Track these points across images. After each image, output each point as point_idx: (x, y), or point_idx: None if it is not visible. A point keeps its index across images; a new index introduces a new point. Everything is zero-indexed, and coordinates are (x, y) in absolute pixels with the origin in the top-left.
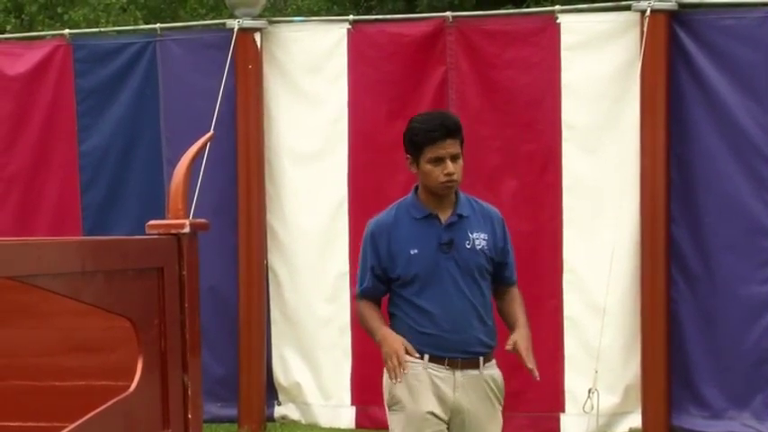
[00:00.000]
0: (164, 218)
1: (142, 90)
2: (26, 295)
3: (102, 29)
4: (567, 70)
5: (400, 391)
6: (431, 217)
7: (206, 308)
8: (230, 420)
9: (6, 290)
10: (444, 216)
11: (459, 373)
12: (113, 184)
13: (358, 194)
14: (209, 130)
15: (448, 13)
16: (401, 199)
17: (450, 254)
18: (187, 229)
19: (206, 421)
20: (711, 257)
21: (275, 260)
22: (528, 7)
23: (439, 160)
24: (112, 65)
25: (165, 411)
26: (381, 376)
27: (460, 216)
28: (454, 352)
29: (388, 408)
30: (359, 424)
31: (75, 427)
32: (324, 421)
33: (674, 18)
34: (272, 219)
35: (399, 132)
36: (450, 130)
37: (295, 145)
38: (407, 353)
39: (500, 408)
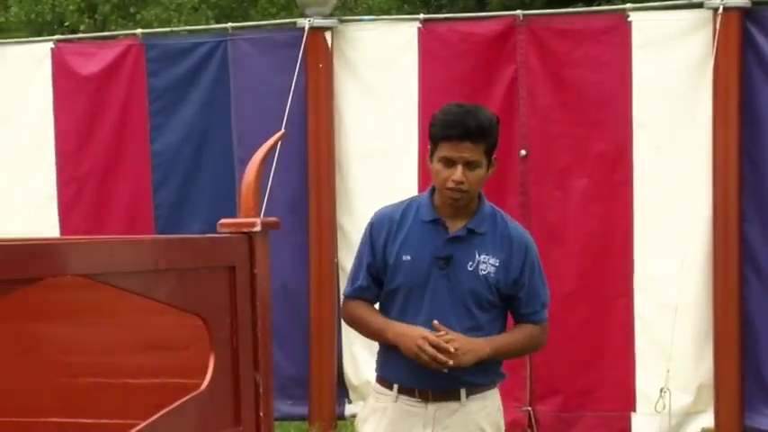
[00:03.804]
0: (235, 216)
1: (214, 89)
2: (100, 293)
3: (174, 28)
4: (639, 68)
5: (371, 427)
6: (438, 223)
7: (277, 306)
8: (301, 418)
9: (81, 288)
10: (454, 227)
11: (432, 407)
12: (185, 183)
13: None
14: (280, 129)
15: (518, 12)
16: (418, 194)
17: (446, 271)
18: (258, 228)
19: (277, 419)
20: None
21: (345, 258)
22: (599, 5)
23: (449, 162)
24: (184, 64)
25: (236, 409)
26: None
27: (472, 231)
28: (424, 383)
29: None
30: None
31: (148, 424)
32: None
33: (747, 15)
34: (342, 217)
35: None
36: (470, 132)
37: (365, 143)
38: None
39: None
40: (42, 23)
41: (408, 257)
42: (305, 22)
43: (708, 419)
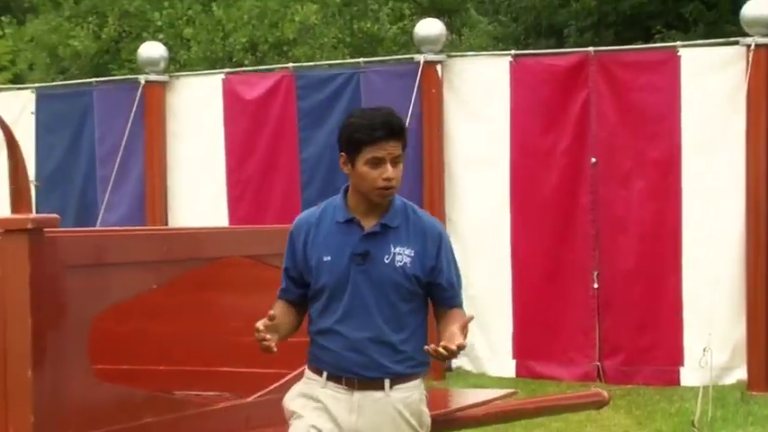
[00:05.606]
0: None
1: (348, 110)
2: (261, 271)
3: (318, 62)
4: (686, 93)
5: (296, 406)
6: (352, 223)
7: None
8: None
9: (245, 267)
10: (368, 224)
11: (358, 395)
12: (326, 184)
13: (517, 192)
14: None
15: (591, 48)
16: (332, 198)
17: (364, 266)
18: None
19: None
20: None
21: (453, 243)
22: (655, 43)
23: (378, 162)
24: (325, 91)
25: None
26: (539, 334)
27: (385, 226)
28: (350, 373)
29: (288, 421)
30: (518, 374)
31: (295, 375)
32: (491, 371)
33: None
34: (451, 211)
35: (551, 143)
36: (395, 130)
37: (468, 153)
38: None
39: None
40: (215, 59)
41: (328, 258)
42: (420, 58)
43: (742, 373)
